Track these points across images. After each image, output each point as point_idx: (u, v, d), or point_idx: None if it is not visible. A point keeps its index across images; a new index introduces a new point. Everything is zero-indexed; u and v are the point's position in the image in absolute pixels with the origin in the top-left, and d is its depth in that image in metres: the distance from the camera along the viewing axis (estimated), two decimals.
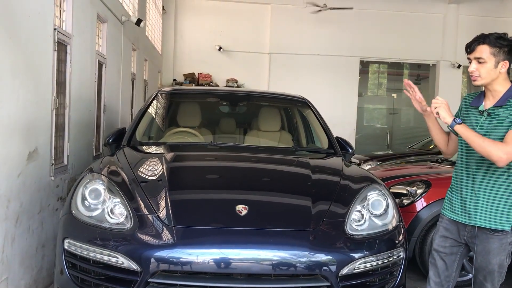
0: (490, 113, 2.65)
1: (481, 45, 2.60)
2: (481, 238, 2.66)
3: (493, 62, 2.60)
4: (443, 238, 2.82)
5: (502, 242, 2.64)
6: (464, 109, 2.85)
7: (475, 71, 2.62)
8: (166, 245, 2.63)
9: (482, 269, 2.69)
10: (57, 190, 4.31)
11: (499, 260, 2.65)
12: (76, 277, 2.76)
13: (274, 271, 2.63)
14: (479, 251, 2.67)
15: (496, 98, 2.66)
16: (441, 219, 2.87)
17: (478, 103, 2.74)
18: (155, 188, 3.04)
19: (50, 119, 4.10)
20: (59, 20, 4.53)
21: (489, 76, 2.62)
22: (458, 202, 2.75)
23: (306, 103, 4.86)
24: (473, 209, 2.66)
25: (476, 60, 2.62)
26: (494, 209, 2.62)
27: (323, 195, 3.12)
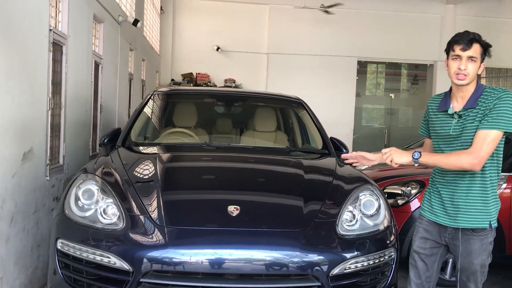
0: (461, 115, 2.61)
1: (475, 44, 2.55)
2: (463, 240, 2.64)
3: (479, 63, 2.58)
4: (423, 240, 2.79)
5: (483, 242, 2.63)
6: (432, 113, 2.80)
7: (466, 69, 2.54)
8: (158, 245, 2.64)
9: (464, 270, 2.67)
10: (52, 190, 4.32)
11: (480, 260, 2.64)
12: (69, 277, 2.78)
13: (266, 271, 2.64)
14: (461, 252, 2.65)
15: (465, 99, 2.62)
16: (421, 220, 2.84)
17: (446, 106, 2.68)
18: (148, 189, 3.06)
19: (45, 119, 4.11)
20: (55, 20, 4.54)
21: (474, 76, 2.58)
22: (438, 204, 2.73)
23: (301, 103, 4.88)
24: (453, 211, 2.65)
25: (469, 58, 2.54)
26: (472, 208, 2.60)
27: (315, 195, 3.14)
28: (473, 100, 2.58)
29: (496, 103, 2.50)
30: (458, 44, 2.56)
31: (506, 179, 4.68)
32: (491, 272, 4.96)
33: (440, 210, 2.71)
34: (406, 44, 14.72)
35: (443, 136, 2.69)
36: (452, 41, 2.61)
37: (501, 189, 4.63)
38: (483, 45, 2.58)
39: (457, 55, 2.56)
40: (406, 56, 15.09)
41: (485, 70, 16.86)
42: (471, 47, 2.53)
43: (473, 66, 2.55)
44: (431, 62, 15.20)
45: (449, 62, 2.62)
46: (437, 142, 2.75)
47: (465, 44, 2.54)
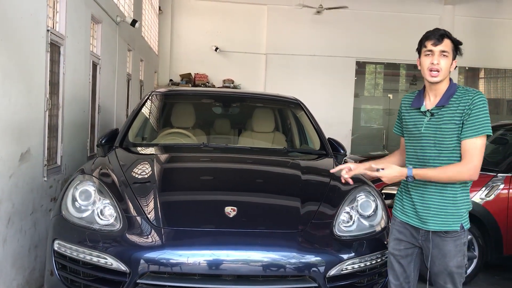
0: (433, 113, 2.58)
1: (446, 39, 2.54)
2: (436, 242, 2.59)
3: (451, 59, 2.56)
4: (397, 241, 2.74)
5: (457, 244, 2.58)
6: (404, 111, 2.77)
7: (439, 64, 2.52)
8: (155, 246, 2.65)
9: (441, 273, 2.61)
10: (50, 191, 4.32)
11: (456, 262, 2.58)
12: (65, 278, 2.78)
13: (262, 272, 2.64)
14: (435, 254, 2.60)
15: (438, 97, 2.60)
16: (393, 221, 2.80)
17: (419, 104, 2.66)
18: (145, 190, 3.06)
19: (43, 120, 4.11)
20: (53, 21, 4.54)
21: (446, 73, 2.56)
22: (409, 205, 2.68)
23: (299, 104, 4.88)
24: (424, 213, 2.60)
25: (441, 53, 2.52)
26: (443, 211, 2.57)
27: (312, 196, 3.14)
28: (445, 98, 2.57)
29: (473, 109, 2.49)
30: (429, 40, 2.56)
31: (503, 180, 4.68)
32: (489, 272, 5.01)
33: (411, 212, 2.67)
34: (404, 44, 14.64)
35: (415, 135, 2.65)
36: (423, 37, 2.61)
37: (498, 190, 4.64)
38: (454, 42, 2.57)
39: (429, 50, 2.55)
40: (404, 56, 15.02)
41: (483, 71, 16.92)
42: (442, 41, 2.53)
43: (445, 61, 2.53)
44: None
45: (421, 60, 2.61)
46: (409, 140, 2.70)
47: (436, 39, 2.53)
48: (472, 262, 4.69)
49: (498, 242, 4.66)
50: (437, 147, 2.56)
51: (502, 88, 17.02)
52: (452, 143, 2.54)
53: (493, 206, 4.63)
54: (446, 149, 2.55)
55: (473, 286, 4.69)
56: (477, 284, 4.76)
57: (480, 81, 17.41)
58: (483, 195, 4.63)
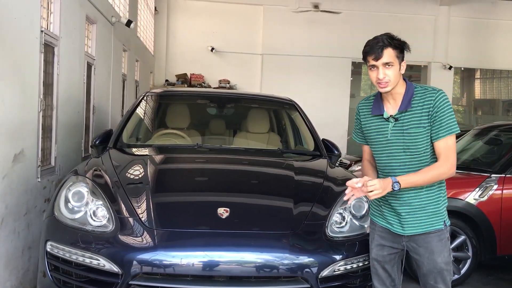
0: (397, 118, 2.55)
1: (387, 49, 2.47)
2: (420, 240, 2.58)
3: (398, 65, 2.51)
4: (380, 247, 2.70)
5: (441, 238, 2.58)
6: (364, 119, 2.71)
7: (386, 77, 2.47)
8: (147, 247, 2.65)
9: (430, 272, 2.59)
10: (44, 192, 4.31)
11: (444, 258, 2.58)
12: (58, 280, 2.78)
13: (255, 273, 2.65)
14: (422, 253, 2.59)
15: (398, 101, 2.56)
16: (374, 226, 2.76)
17: (380, 111, 2.61)
18: (138, 191, 3.06)
19: (36, 120, 4.10)
20: (47, 22, 4.53)
21: (396, 80, 2.50)
22: (389, 212, 2.65)
23: (293, 105, 4.89)
24: (405, 219, 2.58)
25: (384, 66, 2.47)
26: (423, 213, 2.56)
27: (305, 197, 3.15)
28: (406, 101, 2.53)
29: (438, 109, 2.48)
30: (369, 55, 2.50)
31: (497, 180, 4.70)
32: (483, 273, 5.03)
33: (392, 219, 2.63)
34: None
35: (381, 142, 2.61)
36: (364, 52, 2.55)
37: (492, 191, 4.66)
38: (397, 46, 2.52)
39: (372, 65, 2.51)
40: None
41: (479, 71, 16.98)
42: (382, 54, 2.47)
43: (392, 71, 2.48)
44: (425, 63, 15.24)
45: (368, 72, 2.58)
46: (376, 148, 2.66)
47: (377, 53, 2.47)
48: (466, 262, 4.71)
49: (491, 243, 4.68)
50: (407, 152, 2.54)
51: (497, 89, 17.09)
52: (422, 146, 2.52)
53: (487, 206, 4.65)
54: (417, 153, 2.53)
55: (467, 286, 4.71)
56: (471, 284, 4.78)
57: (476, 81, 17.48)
58: (477, 195, 4.65)
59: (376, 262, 2.73)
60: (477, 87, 17.47)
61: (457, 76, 15.95)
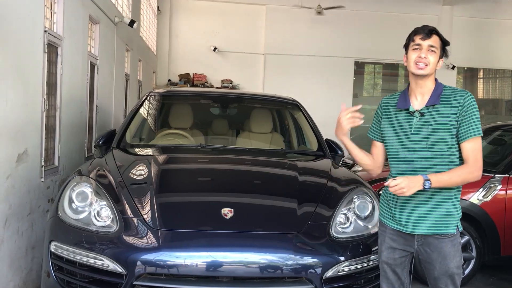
0: (423, 113, 2.54)
1: (435, 35, 2.52)
2: (434, 245, 2.54)
3: (438, 55, 2.54)
4: (391, 250, 2.64)
5: (454, 243, 2.55)
6: (389, 113, 2.68)
7: (426, 59, 2.50)
8: (151, 248, 2.65)
9: (442, 276, 2.56)
10: (47, 192, 4.31)
11: (456, 262, 2.55)
12: (62, 280, 2.78)
13: (259, 274, 2.64)
14: (435, 258, 2.55)
15: (425, 97, 2.56)
16: (384, 229, 2.69)
17: (406, 105, 2.60)
18: (142, 191, 3.06)
19: (40, 120, 4.10)
20: (50, 22, 4.53)
21: (433, 68, 2.52)
22: (400, 212, 2.60)
23: (296, 105, 4.88)
24: (417, 218, 2.55)
25: (429, 48, 2.51)
26: (437, 214, 2.53)
27: (309, 198, 3.14)
28: (435, 96, 2.54)
29: (467, 110, 2.48)
30: (418, 34, 2.54)
31: (501, 181, 4.69)
32: (486, 273, 5.01)
33: (403, 218, 2.59)
34: (403, 45, 14.68)
35: (402, 136, 2.59)
36: (412, 32, 2.59)
37: (496, 191, 4.65)
38: (442, 40, 2.56)
39: (417, 44, 2.53)
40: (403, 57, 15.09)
41: (482, 71, 16.94)
42: (431, 37, 2.51)
43: (433, 57, 2.51)
44: None
45: (408, 54, 2.58)
46: (395, 142, 2.62)
47: (425, 34, 2.52)
48: (469, 263, 4.70)
49: (495, 243, 4.66)
50: (430, 148, 2.51)
51: (500, 88, 17.05)
52: (446, 144, 2.50)
53: (491, 207, 4.63)
54: (439, 150, 2.50)
55: (470, 287, 4.69)
56: (475, 285, 4.76)
57: (479, 81, 17.43)
58: (481, 196, 4.64)
59: (386, 265, 2.68)
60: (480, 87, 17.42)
61: (460, 75, 15.91)
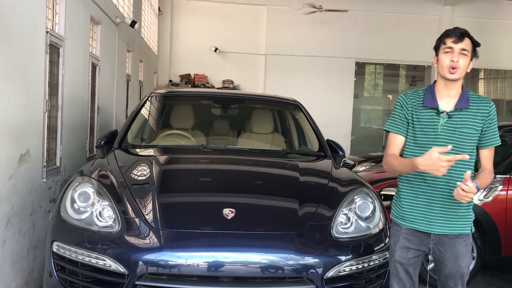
0: (451, 115, 2.56)
1: (467, 38, 2.53)
2: (448, 244, 2.59)
3: (469, 59, 2.55)
4: (405, 249, 2.65)
5: (467, 244, 2.60)
6: (414, 109, 2.65)
7: (457, 63, 2.50)
8: (153, 248, 2.66)
9: (453, 275, 2.61)
10: (49, 192, 4.33)
11: (467, 262, 2.61)
12: (64, 280, 2.79)
13: (260, 274, 2.65)
14: (447, 257, 2.59)
15: (452, 98, 2.58)
16: (399, 229, 2.69)
17: (434, 104, 2.59)
18: (144, 191, 3.07)
19: (42, 121, 4.12)
20: (52, 23, 4.54)
21: (464, 71, 2.54)
22: (414, 209, 2.63)
23: (297, 105, 4.89)
24: (432, 217, 2.58)
25: (461, 51, 2.51)
26: (453, 215, 2.57)
27: (310, 198, 3.15)
28: (464, 100, 2.56)
29: (492, 118, 2.57)
30: (450, 37, 2.54)
31: (502, 181, 4.69)
32: (487, 274, 5.01)
33: (418, 217, 2.61)
34: (404, 45, 14.73)
35: (429, 135, 2.59)
36: (444, 35, 2.58)
37: (497, 192, 4.65)
38: (474, 42, 2.57)
39: (449, 47, 2.53)
40: (404, 57, 15.10)
41: (483, 72, 16.92)
42: (463, 40, 2.52)
43: (464, 60, 2.52)
44: (429, 64, 15.20)
45: (440, 57, 2.57)
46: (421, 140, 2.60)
47: (457, 37, 2.52)
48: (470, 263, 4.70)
49: (496, 243, 4.67)
50: (455, 150, 2.49)
51: (501, 89, 17.04)
52: (469, 147, 2.56)
53: (492, 207, 4.64)
54: (462, 153, 2.50)
55: (471, 287, 4.70)
56: (476, 285, 4.77)
57: (480, 81, 17.42)
58: (482, 196, 4.64)
59: (399, 264, 2.68)
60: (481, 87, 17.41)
61: None
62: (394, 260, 2.70)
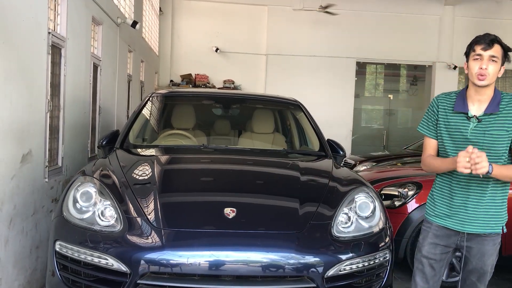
0: (481, 120, 2.60)
1: (496, 44, 2.55)
2: (476, 241, 2.66)
3: (500, 64, 2.57)
4: (433, 245, 2.77)
5: (495, 243, 2.69)
6: (444, 113, 2.72)
7: (486, 70, 2.53)
8: (155, 247, 2.67)
9: (476, 271, 2.70)
10: (51, 192, 4.35)
11: (492, 261, 2.70)
12: (67, 279, 2.81)
13: (261, 273, 2.67)
14: (473, 254, 2.68)
15: (483, 103, 2.61)
16: (429, 225, 2.80)
17: (464, 108, 2.64)
18: (146, 191, 3.09)
19: (44, 121, 4.14)
20: (54, 23, 4.57)
21: (494, 77, 2.56)
22: (450, 209, 2.71)
23: (298, 105, 4.91)
24: (466, 217, 2.65)
25: (490, 58, 2.53)
26: (485, 214, 2.63)
27: (311, 197, 3.17)
28: (494, 105, 2.59)
29: None
30: (479, 44, 2.56)
31: None
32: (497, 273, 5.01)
33: (451, 215, 2.70)
34: (404, 45, 14.74)
35: (458, 139, 2.64)
36: (473, 41, 2.60)
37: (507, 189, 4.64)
38: (504, 47, 2.58)
39: (478, 55, 2.55)
40: (405, 57, 15.11)
41: None
42: (492, 46, 2.53)
43: (494, 66, 2.54)
44: (430, 63, 15.22)
45: (469, 64, 2.60)
46: (451, 145, 2.67)
47: (486, 44, 2.53)
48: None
49: None
50: (486, 152, 2.49)
51: (502, 89, 17.02)
52: (502, 149, 2.58)
53: None
54: (496, 154, 2.57)
55: None
56: None
57: None
58: None
59: (425, 259, 2.78)
60: None
61: (462, 76, 15.88)
62: (420, 255, 2.81)
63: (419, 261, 2.82)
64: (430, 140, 2.81)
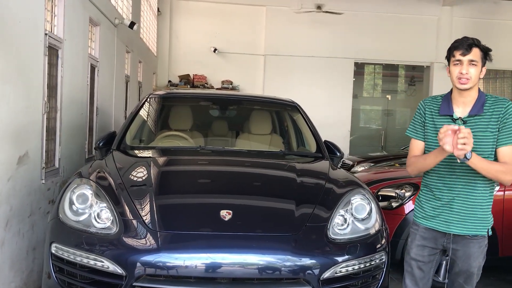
0: (466, 121, 2.63)
1: (475, 48, 2.59)
2: (461, 244, 2.69)
3: (480, 67, 2.61)
4: (420, 247, 2.79)
5: (481, 245, 2.70)
6: (430, 117, 2.75)
7: (468, 73, 2.57)
8: (151, 249, 2.67)
9: (462, 273, 2.73)
10: (48, 193, 4.35)
11: (478, 263, 2.71)
12: (63, 281, 2.81)
13: (257, 275, 2.67)
14: (459, 256, 2.70)
15: (468, 105, 2.65)
16: (416, 227, 2.82)
17: (450, 111, 2.68)
18: (142, 193, 3.08)
19: (41, 123, 4.14)
20: (51, 25, 4.56)
21: (476, 80, 2.60)
22: (434, 210, 2.73)
23: (295, 107, 4.91)
24: (451, 217, 2.67)
25: (470, 62, 2.57)
26: (471, 215, 2.65)
27: (307, 199, 3.17)
28: (478, 106, 2.62)
29: (508, 117, 2.57)
30: (457, 50, 2.60)
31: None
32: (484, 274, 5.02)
33: (436, 216, 2.72)
34: (403, 45, 14.75)
35: None
36: (452, 47, 2.65)
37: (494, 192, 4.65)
38: (483, 49, 2.62)
39: (458, 60, 2.60)
40: (403, 57, 15.12)
41: None
42: (470, 51, 2.57)
43: (474, 70, 2.58)
44: (428, 64, 15.23)
45: (450, 68, 2.65)
46: (435, 147, 2.66)
47: (465, 49, 2.58)
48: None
49: (493, 244, 4.64)
50: None
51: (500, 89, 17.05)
52: (487, 150, 2.59)
53: None
54: (481, 155, 2.55)
55: None
56: None
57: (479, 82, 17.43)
58: None
59: (414, 261, 2.81)
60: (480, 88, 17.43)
61: None
62: (409, 257, 2.83)
63: (408, 263, 2.84)
64: (416, 142, 2.82)
